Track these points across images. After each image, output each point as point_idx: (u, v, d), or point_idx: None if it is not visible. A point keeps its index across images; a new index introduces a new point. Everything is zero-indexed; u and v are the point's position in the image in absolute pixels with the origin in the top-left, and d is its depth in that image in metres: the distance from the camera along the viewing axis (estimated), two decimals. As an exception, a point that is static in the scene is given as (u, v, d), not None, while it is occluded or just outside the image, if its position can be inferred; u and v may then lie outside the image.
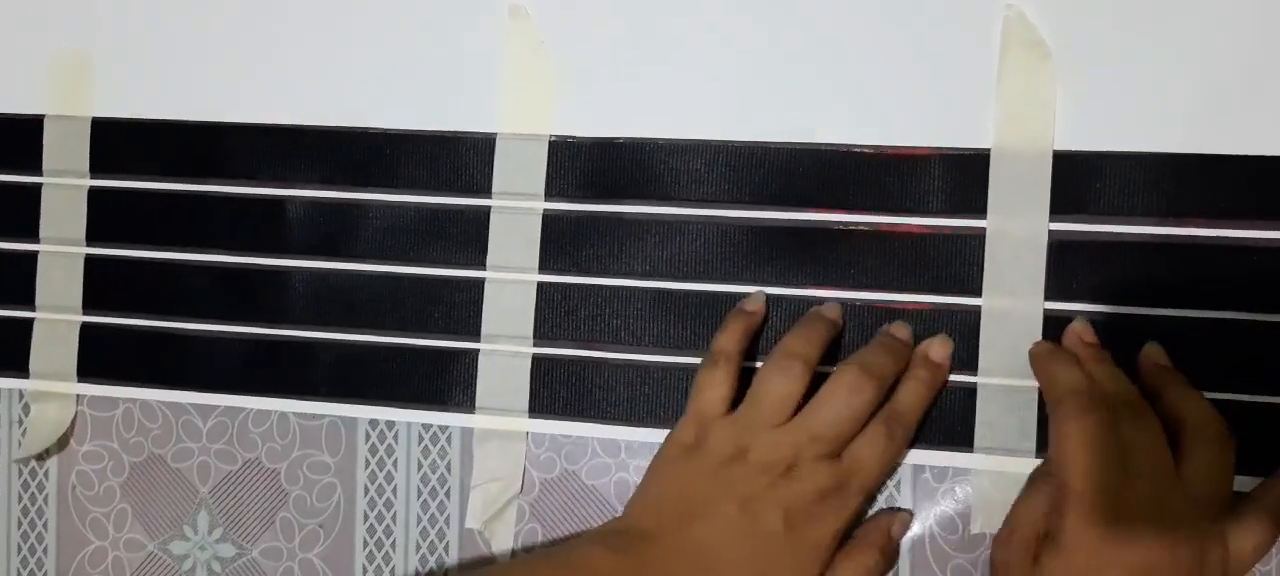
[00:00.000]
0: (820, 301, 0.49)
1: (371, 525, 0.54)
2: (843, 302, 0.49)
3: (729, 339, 0.48)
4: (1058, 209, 0.47)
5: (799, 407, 0.46)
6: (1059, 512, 0.42)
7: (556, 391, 0.52)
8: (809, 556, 0.45)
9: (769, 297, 0.50)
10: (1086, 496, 0.41)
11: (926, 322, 0.48)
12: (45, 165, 0.57)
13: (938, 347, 0.48)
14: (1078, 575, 0.41)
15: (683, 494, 0.46)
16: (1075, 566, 0.41)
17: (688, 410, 0.48)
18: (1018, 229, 0.48)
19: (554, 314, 0.52)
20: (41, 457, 0.57)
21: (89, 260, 0.56)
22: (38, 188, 0.57)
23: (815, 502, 0.45)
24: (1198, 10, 0.46)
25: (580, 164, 0.52)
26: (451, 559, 0.53)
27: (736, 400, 0.47)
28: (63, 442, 0.57)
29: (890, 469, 0.47)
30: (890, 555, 0.48)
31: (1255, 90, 0.46)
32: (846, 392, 0.45)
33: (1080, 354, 0.46)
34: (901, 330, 0.48)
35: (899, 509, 0.49)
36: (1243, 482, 0.46)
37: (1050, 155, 0.47)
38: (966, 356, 0.48)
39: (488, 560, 0.52)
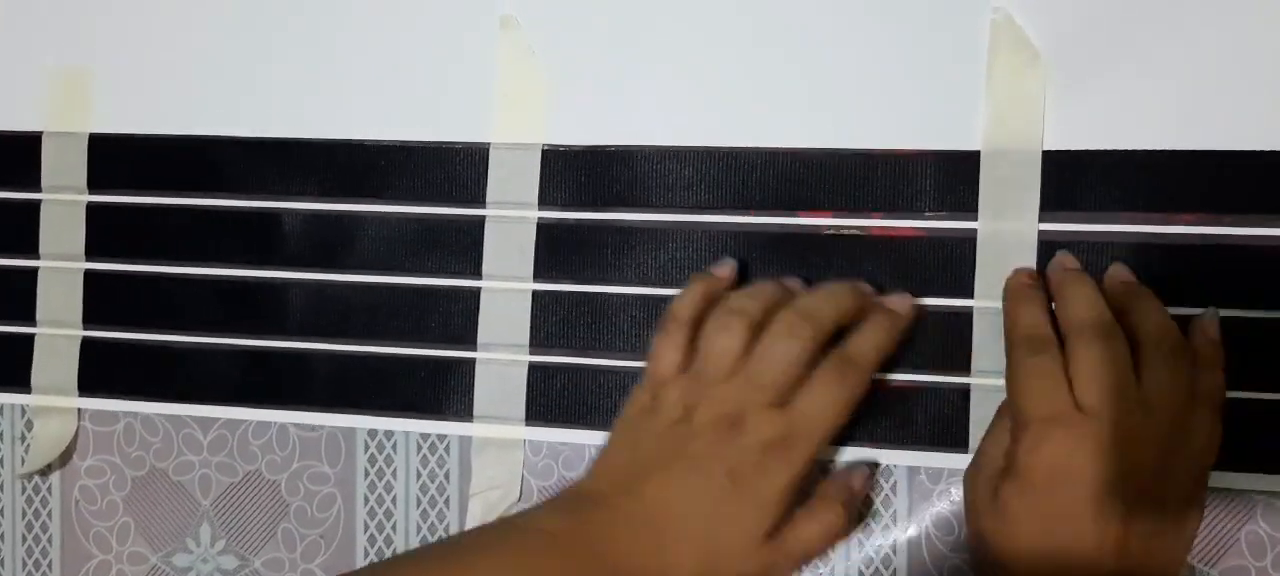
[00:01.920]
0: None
1: (372, 534, 0.54)
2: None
3: (685, 304, 0.48)
4: (1047, 208, 0.47)
5: None
6: (1013, 440, 0.42)
7: (553, 399, 0.52)
8: (758, 511, 0.45)
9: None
10: (1034, 422, 0.41)
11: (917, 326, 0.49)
12: (44, 181, 0.57)
13: (898, 298, 0.48)
14: (1034, 498, 0.41)
15: (634, 456, 0.47)
16: (1031, 489, 0.42)
17: (645, 374, 0.48)
18: (1008, 229, 0.48)
19: (549, 322, 0.52)
20: (44, 473, 0.58)
21: (88, 275, 0.57)
22: (37, 204, 0.57)
23: (761, 454, 0.45)
24: (1184, 8, 0.46)
25: (573, 172, 0.52)
26: (452, 567, 0.53)
27: None
28: (66, 458, 0.57)
29: (844, 415, 0.46)
30: (853, 510, 0.48)
31: (1242, 86, 0.46)
32: (785, 336, 0.45)
33: (1059, 279, 0.46)
34: (863, 285, 0.48)
35: (861, 463, 0.49)
36: (1235, 478, 0.46)
37: (1039, 156, 0.47)
38: (960, 358, 0.48)
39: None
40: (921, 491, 0.49)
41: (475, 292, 0.53)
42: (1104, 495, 0.41)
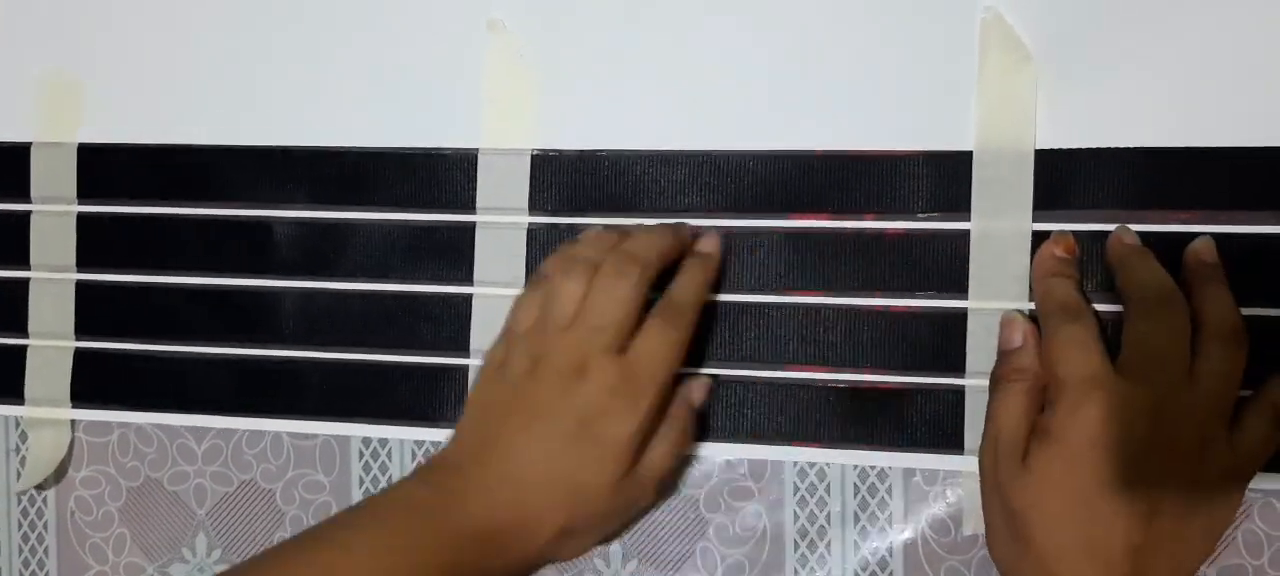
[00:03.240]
0: (808, 307, 0.49)
1: (368, 542, 0.54)
2: (812, 306, 0.49)
3: (552, 262, 0.48)
4: (1040, 206, 0.47)
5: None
6: (1050, 405, 0.43)
7: (547, 405, 0.52)
8: (610, 454, 0.46)
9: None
10: (1073, 386, 0.42)
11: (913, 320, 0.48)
12: (33, 192, 0.57)
13: (708, 241, 0.49)
14: (1069, 462, 0.41)
15: (486, 419, 0.47)
16: (1068, 453, 0.42)
17: (503, 328, 0.49)
18: (1001, 228, 0.47)
19: (542, 327, 0.52)
20: (40, 486, 0.57)
21: (80, 286, 0.57)
22: (27, 215, 0.57)
23: (608, 398, 0.46)
24: (1174, 5, 0.46)
25: (563, 177, 0.52)
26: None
27: None
28: (61, 472, 0.57)
29: (678, 357, 0.47)
30: (691, 423, 0.49)
31: (1234, 82, 0.46)
32: (614, 276, 0.46)
33: (1120, 254, 0.46)
34: (676, 225, 0.49)
35: (697, 375, 0.49)
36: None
37: (1031, 155, 0.47)
38: (954, 359, 0.48)
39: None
40: (917, 493, 0.49)
41: (467, 299, 0.52)
42: (1139, 462, 0.41)
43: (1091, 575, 0.41)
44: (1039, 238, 0.47)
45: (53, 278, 0.57)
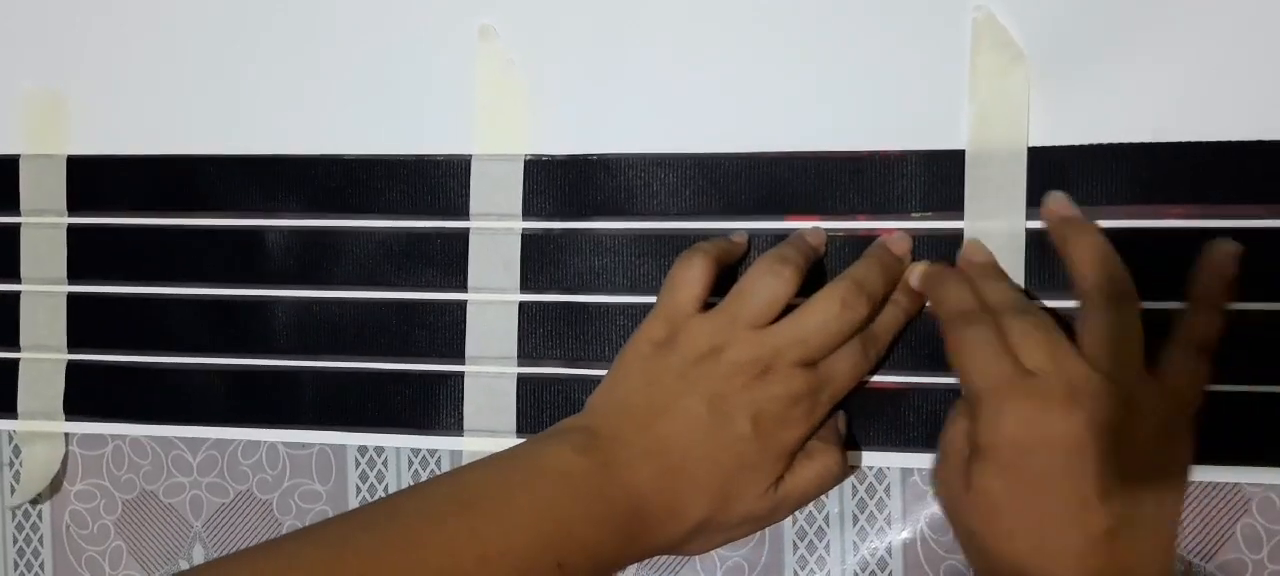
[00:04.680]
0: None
1: (365, 551, 0.54)
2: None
3: (711, 245, 0.47)
4: (1034, 204, 0.47)
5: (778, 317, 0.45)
6: (972, 420, 0.42)
7: (543, 410, 0.52)
8: (773, 459, 0.45)
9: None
10: (989, 395, 0.41)
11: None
12: (23, 205, 0.56)
13: (918, 275, 0.47)
14: (1004, 473, 0.41)
15: (649, 394, 0.45)
16: (1000, 465, 0.41)
17: (658, 305, 0.47)
18: (995, 227, 0.47)
19: (537, 332, 0.52)
20: (35, 500, 0.57)
21: (71, 298, 0.56)
22: (17, 227, 0.57)
23: (787, 407, 0.44)
24: (1168, 1, 0.46)
25: (556, 182, 0.51)
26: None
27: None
28: (56, 483, 0.57)
29: (859, 382, 0.47)
30: (844, 453, 0.47)
31: (1228, 76, 0.46)
32: (840, 307, 0.44)
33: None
34: (900, 245, 0.48)
35: (841, 411, 0.48)
36: (1229, 472, 0.46)
37: (1025, 154, 0.47)
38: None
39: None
40: (915, 493, 0.49)
41: (462, 305, 0.52)
42: (1074, 454, 0.40)
43: (1065, 571, 0.40)
44: (1033, 236, 0.47)
45: (44, 290, 0.56)
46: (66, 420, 0.56)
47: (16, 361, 0.57)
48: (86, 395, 0.56)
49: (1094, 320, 0.42)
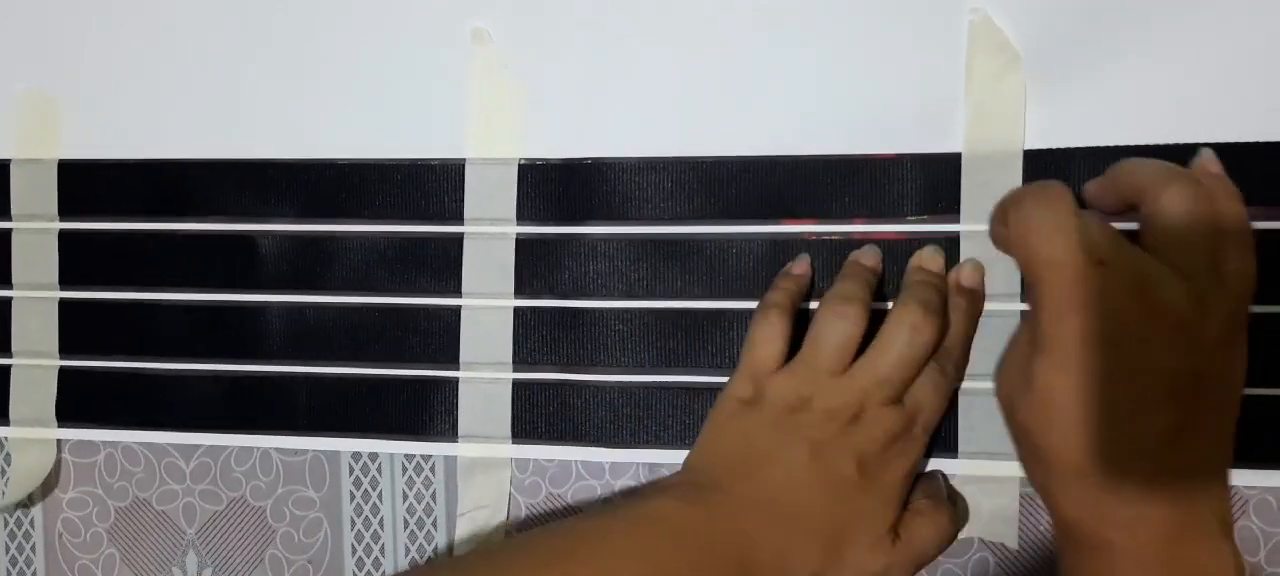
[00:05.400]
0: (800, 313, 0.49)
1: (360, 558, 0.54)
2: (803, 313, 0.48)
3: (781, 293, 0.47)
4: (1032, 208, 0.47)
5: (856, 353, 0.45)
6: (1035, 315, 0.39)
7: (538, 416, 0.52)
8: (884, 500, 0.44)
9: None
10: (1053, 285, 0.39)
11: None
12: (14, 210, 0.56)
13: (968, 273, 0.47)
14: (1067, 368, 0.39)
15: (747, 446, 0.45)
16: (1063, 359, 0.39)
17: (741, 365, 0.46)
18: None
19: (532, 338, 0.51)
20: (26, 507, 0.57)
21: (63, 304, 0.56)
22: (8, 233, 0.56)
23: (885, 447, 0.44)
24: (1162, 4, 0.46)
25: (551, 186, 0.51)
26: (442, 587, 0.53)
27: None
28: (47, 488, 0.56)
29: (946, 404, 0.46)
30: (956, 514, 0.46)
31: (1224, 78, 0.46)
32: (910, 333, 0.44)
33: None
34: (934, 260, 0.47)
35: (933, 471, 0.48)
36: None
37: (1021, 156, 0.47)
38: (947, 361, 0.48)
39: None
40: (912, 497, 0.49)
41: (456, 311, 0.52)
42: (1139, 351, 0.38)
43: (1123, 472, 0.39)
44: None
45: (35, 296, 0.56)
46: (59, 426, 0.56)
47: (8, 368, 0.56)
48: (79, 401, 0.56)
49: (1161, 213, 0.40)
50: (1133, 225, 0.42)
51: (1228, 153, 0.45)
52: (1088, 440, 0.39)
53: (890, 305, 0.46)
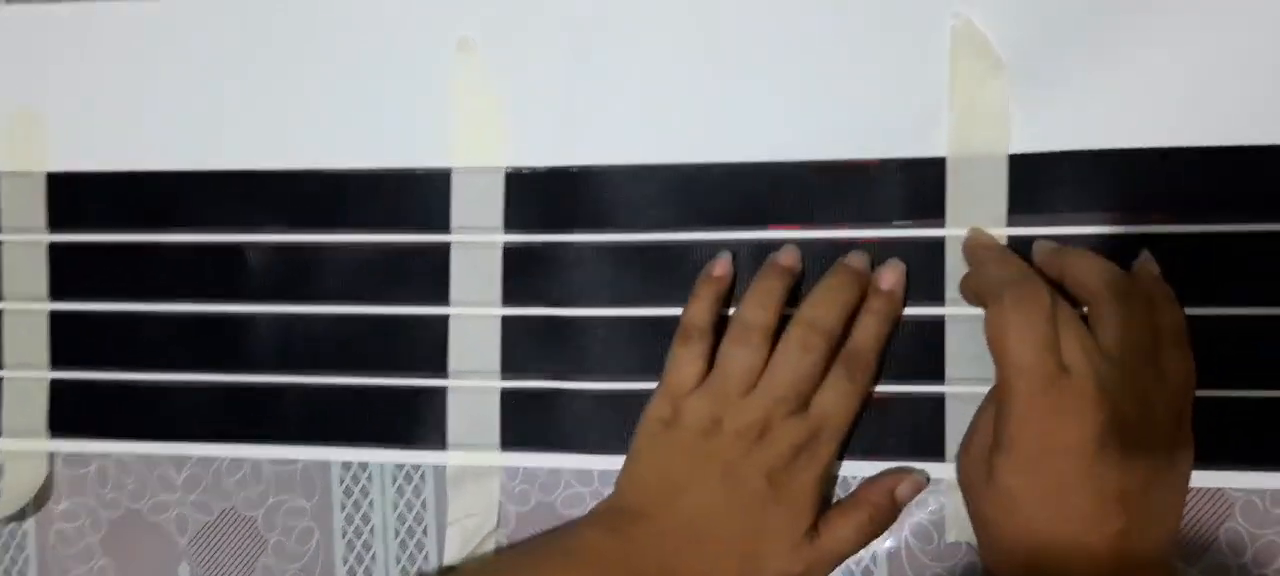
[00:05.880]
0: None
1: (351, 567, 0.54)
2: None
3: (699, 313, 0.48)
4: (1016, 210, 0.47)
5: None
6: (1000, 414, 0.42)
7: (527, 424, 0.52)
8: (795, 508, 0.46)
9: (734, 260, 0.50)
10: (1021, 391, 0.41)
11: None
12: (3, 222, 0.56)
13: (888, 275, 0.48)
14: (1026, 471, 0.42)
15: (666, 470, 0.47)
16: (1023, 462, 0.42)
17: (661, 386, 0.48)
18: (977, 235, 0.47)
19: (520, 346, 0.52)
20: (19, 519, 0.57)
21: (53, 316, 0.56)
22: (-2, 245, 0.56)
23: (793, 458, 0.46)
24: (1147, 7, 0.46)
25: (537, 194, 0.51)
26: (433, 595, 0.53)
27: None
28: (40, 502, 0.57)
29: (857, 406, 0.47)
30: (886, 513, 0.48)
31: (1208, 83, 0.46)
32: (798, 351, 0.46)
33: (987, 258, 0.46)
34: (857, 260, 0.48)
35: (912, 470, 0.48)
36: (1211, 477, 0.46)
37: (1006, 160, 0.47)
38: (933, 366, 0.48)
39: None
40: (900, 502, 0.49)
41: (444, 320, 0.52)
42: (1098, 459, 0.40)
43: (1076, 570, 0.41)
44: (1015, 242, 0.47)
45: (26, 308, 0.56)
46: (51, 438, 0.56)
47: (0, 380, 0.57)
48: (70, 413, 0.56)
49: (1109, 320, 0.42)
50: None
51: (1210, 157, 0.46)
52: (1042, 542, 0.42)
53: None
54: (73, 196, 0.56)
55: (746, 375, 0.46)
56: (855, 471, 0.49)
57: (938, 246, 0.48)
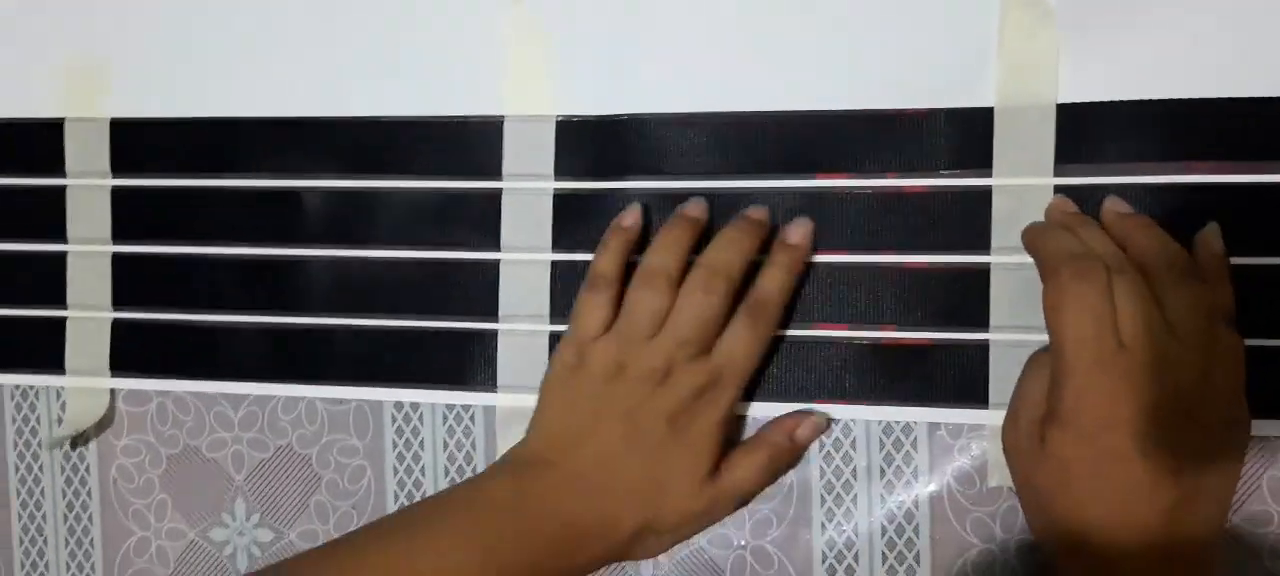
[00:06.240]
0: (832, 266, 0.50)
1: (403, 504, 0.55)
2: (836, 265, 0.50)
3: (608, 261, 0.50)
4: (1062, 160, 0.47)
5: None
6: (1056, 384, 0.42)
7: (575, 367, 0.53)
8: (696, 451, 0.48)
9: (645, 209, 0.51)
10: (1079, 364, 0.41)
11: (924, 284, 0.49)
12: (68, 167, 0.58)
13: (795, 231, 0.49)
14: (1082, 443, 0.42)
15: (570, 417, 0.49)
16: (1080, 434, 0.42)
17: (568, 332, 0.50)
18: (1024, 184, 0.48)
19: (569, 291, 0.52)
20: (83, 453, 0.59)
21: (115, 258, 0.58)
22: (62, 190, 0.58)
23: (692, 400, 0.47)
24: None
25: (587, 142, 0.52)
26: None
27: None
28: (102, 428, 0.58)
29: (760, 353, 0.49)
30: (786, 452, 0.50)
31: (1256, 33, 0.46)
32: (701, 293, 0.47)
33: (1068, 223, 0.46)
34: (757, 212, 0.50)
35: (813, 412, 0.50)
36: (1256, 425, 0.46)
37: (1053, 111, 0.47)
38: (978, 313, 0.49)
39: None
40: (942, 446, 0.49)
41: (495, 265, 0.53)
42: (1152, 429, 0.41)
43: (1126, 542, 0.42)
44: (1062, 191, 0.47)
45: (89, 250, 0.58)
46: (112, 376, 0.58)
47: (64, 320, 0.58)
48: (131, 352, 0.58)
49: (1168, 298, 0.42)
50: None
51: (1261, 107, 0.46)
52: (1093, 515, 0.42)
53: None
54: (135, 142, 0.57)
55: (651, 317, 0.48)
56: (898, 417, 0.50)
57: (984, 195, 0.48)
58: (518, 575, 0.47)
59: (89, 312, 0.58)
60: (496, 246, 0.53)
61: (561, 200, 0.52)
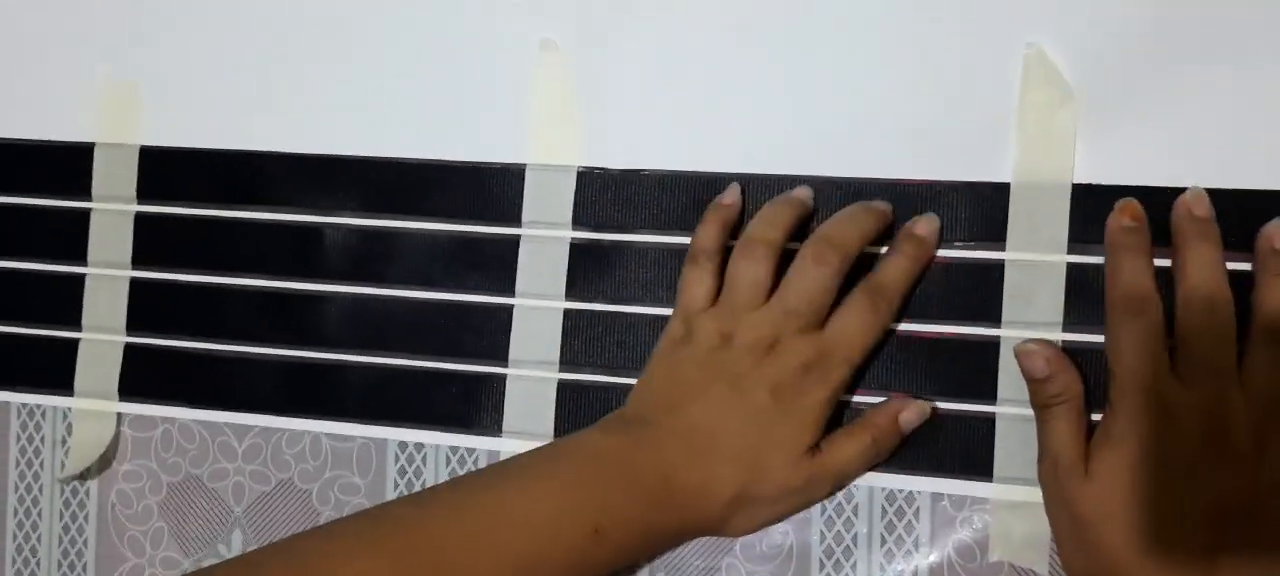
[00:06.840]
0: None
1: (399, 545, 0.55)
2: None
3: (707, 236, 0.50)
4: (1077, 239, 0.48)
5: (774, 288, 0.48)
6: (1110, 406, 0.44)
7: (581, 415, 0.53)
8: (799, 424, 0.47)
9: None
10: (1132, 394, 0.43)
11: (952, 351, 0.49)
12: (95, 191, 0.59)
13: (923, 224, 0.49)
14: (1133, 468, 0.43)
15: (675, 382, 0.48)
16: (1130, 460, 0.43)
17: (676, 308, 0.50)
18: (1037, 260, 0.48)
19: (580, 340, 0.53)
20: (83, 477, 0.59)
21: (134, 283, 0.58)
22: (87, 212, 0.59)
23: (799, 374, 0.47)
24: (1218, 45, 0.47)
25: (607, 194, 0.53)
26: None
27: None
28: (105, 462, 0.58)
29: (873, 340, 0.48)
30: (889, 436, 0.49)
31: (1275, 125, 0.46)
32: (811, 264, 0.47)
33: (1180, 230, 0.46)
34: (879, 206, 0.49)
35: (919, 399, 0.49)
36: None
37: (1069, 189, 0.48)
38: (986, 386, 0.49)
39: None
40: (944, 518, 0.49)
41: (508, 310, 0.54)
42: (1200, 467, 0.42)
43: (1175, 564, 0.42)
44: (1073, 270, 0.48)
45: (108, 274, 0.58)
46: (120, 401, 0.58)
47: (76, 342, 0.59)
48: (141, 377, 0.58)
49: (1260, 350, 0.43)
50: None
51: (1270, 199, 0.46)
52: (1136, 549, 0.43)
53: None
54: (162, 169, 0.58)
55: (754, 288, 0.48)
56: (902, 486, 0.49)
57: (997, 268, 0.48)
58: (625, 528, 0.46)
59: (103, 336, 0.58)
60: (511, 291, 0.54)
61: (578, 249, 0.53)
